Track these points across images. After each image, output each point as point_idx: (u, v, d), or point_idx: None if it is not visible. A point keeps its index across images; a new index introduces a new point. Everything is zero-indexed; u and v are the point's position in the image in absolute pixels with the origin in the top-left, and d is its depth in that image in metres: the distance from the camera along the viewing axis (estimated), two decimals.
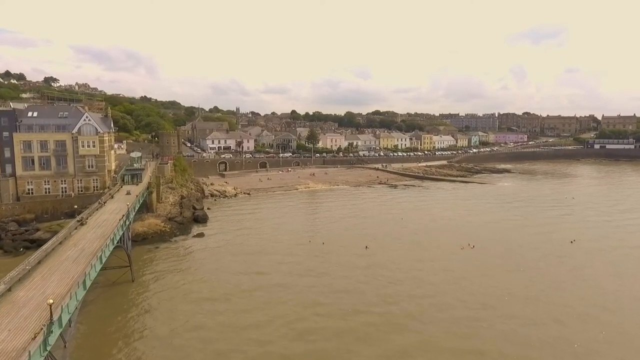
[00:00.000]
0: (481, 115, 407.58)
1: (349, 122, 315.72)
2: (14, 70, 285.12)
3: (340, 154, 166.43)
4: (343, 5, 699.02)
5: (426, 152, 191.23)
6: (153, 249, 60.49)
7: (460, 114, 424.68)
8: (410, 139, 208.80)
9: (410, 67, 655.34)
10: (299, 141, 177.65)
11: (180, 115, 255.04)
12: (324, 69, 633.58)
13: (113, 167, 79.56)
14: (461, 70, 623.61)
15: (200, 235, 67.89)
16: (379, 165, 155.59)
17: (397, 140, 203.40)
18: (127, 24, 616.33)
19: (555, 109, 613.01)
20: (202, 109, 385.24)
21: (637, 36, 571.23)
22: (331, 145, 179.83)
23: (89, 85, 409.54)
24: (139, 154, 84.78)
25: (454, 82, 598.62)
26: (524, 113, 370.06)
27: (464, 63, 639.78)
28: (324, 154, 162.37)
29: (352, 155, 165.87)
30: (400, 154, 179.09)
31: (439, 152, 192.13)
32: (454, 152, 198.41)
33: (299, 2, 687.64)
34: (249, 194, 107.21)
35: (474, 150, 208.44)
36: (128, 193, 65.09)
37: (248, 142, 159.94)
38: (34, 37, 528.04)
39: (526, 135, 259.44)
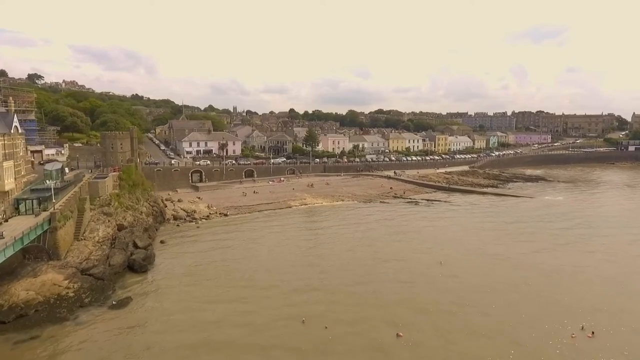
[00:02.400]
0: (491, 114, 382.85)
1: (351, 122, 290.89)
2: (13, 69, 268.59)
3: (344, 159, 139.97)
4: (343, 6, 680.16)
5: (443, 155, 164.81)
6: (24, 342, 34.20)
7: (469, 113, 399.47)
8: (423, 140, 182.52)
9: (410, 67, 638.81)
10: (295, 143, 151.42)
11: (165, 114, 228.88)
12: (324, 69, 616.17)
13: (13, 186, 53.43)
14: (461, 70, 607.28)
15: (124, 303, 41.51)
16: (391, 173, 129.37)
17: (409, 141, 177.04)
18: (127, 23, 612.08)
19: (557, 108, 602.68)
20: (197, 107, 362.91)
21: (638, 35, 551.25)
22: (333, 148, 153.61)
23: (77, 83, 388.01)
24: (58, 166, 58.49)
25: (454, 81, 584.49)
26: (537, 112, 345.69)
27: (464, 62, 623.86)
28: (325, 159, 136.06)
29: (358, 160, 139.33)
30: (413, 158, 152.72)
31: (460, 156, 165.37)
32: (475, 155, 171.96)
33: (299, 2, 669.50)
34: (226, 214, 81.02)
35: (496, 153, 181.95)
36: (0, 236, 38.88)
37: (234, 144, 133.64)
38: (34, 36, 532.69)
39: (550, 136, 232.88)
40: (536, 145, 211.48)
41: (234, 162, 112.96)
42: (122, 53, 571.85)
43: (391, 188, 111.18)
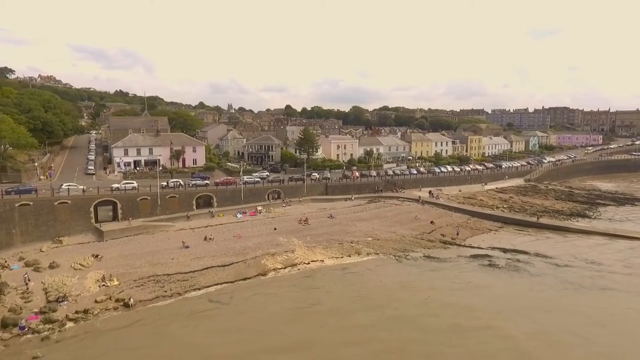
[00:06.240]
0: (512, 110, 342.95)
1: (355, 120, 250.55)
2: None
3: (355, 172, 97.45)
4: (343, 6, 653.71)
5: (487, 164, 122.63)
6: None
7: (485, 110, 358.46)
8: (453, 142, 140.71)
9: (411, 65, 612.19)
10: (285, 148, 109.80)
11: (128, 110, 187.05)
12: (324, 69, 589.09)
13: None
14: (462, 68, 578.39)
15: None
16: (424, 193, 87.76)
17: (436, 144, 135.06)
18: (125, 22, 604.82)
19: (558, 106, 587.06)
20: (189, 104, 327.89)
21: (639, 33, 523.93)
22: (337, 155, 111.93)
23: (54, 78, 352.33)
24: None
25: (455, 80, 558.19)
26: (563, 107, 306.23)
27: (465, 61, 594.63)
28: (327, 173, 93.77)
29: (374, 174, 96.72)
30: (448, 168, 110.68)
31: (512, 164, 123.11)
32: (524, 163, 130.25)
33: (299, 2, 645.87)
34: (128, 303, 39.27)
35: (548, 159, 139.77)
36: None
37: (195, 151, 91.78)
38: (32, 35, 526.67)
39: (600, 136, 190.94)
40: (590, 148, 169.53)
41: (179, 182, 69.69)
42: (120, 52, 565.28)
43: (432, 222, 69.48)
